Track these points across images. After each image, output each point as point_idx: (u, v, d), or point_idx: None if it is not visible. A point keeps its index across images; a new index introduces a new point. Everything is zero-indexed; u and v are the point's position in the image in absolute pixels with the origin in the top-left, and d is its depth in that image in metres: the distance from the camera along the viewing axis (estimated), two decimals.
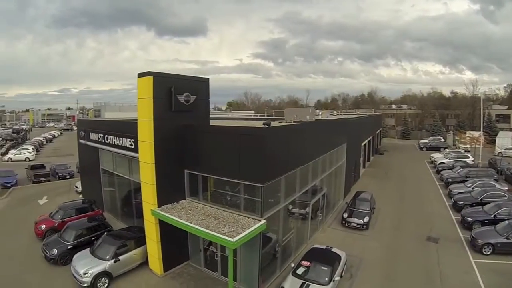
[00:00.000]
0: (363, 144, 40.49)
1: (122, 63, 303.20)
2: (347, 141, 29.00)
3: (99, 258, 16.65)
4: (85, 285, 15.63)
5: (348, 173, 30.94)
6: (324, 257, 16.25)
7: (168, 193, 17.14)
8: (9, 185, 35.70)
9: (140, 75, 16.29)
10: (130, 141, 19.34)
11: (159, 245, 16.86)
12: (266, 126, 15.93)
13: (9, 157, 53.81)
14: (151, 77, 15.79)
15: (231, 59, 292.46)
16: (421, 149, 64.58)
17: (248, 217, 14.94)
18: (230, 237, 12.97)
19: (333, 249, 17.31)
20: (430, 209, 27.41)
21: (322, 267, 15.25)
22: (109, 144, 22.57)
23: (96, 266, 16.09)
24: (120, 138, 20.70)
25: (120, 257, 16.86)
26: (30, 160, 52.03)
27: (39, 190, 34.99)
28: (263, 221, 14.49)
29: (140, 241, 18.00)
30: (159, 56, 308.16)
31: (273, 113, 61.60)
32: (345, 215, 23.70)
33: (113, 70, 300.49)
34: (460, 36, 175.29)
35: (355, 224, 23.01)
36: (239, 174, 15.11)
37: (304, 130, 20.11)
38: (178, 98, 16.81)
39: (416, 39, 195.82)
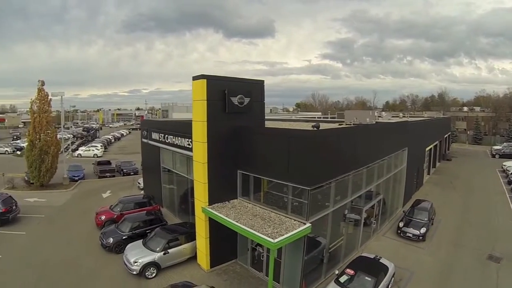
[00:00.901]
0: (427, 149, 38.25)
1: (191, 65, 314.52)
2: (408, 145, 27.53)
3: (150, 249, 17.79)
4: (134, 272, 16.98)
5: (409, 180, 29.35)
6: (370, 267, 15.56)
7: (220, 192, 17.66)
8: (76, 178, 38.91)
9: (195, 78, 16.89)
10: (188, 141, 20.07)
11: (208, 242, 17.48)
12: (315, 128, 15.71)
13: (79, 153, 58.64)
14: (205, 80, 16.36)
15: (299, 60, 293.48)
16: (493, 156, 59.53)
17: (294, 220, 14.85)
18: (271, 238, 13.02)
19: (382, 260, 16.47)
20: (495, 224, 25.00)
21: (366, 278, 14.66)
22: (169, 144, 23.74)
23: (146, 256, 17.31)
24: (179, 138, 21.68)
25: (169, 250, 17.84)
26: (98, 157, 56.07)
27: (103, 184, 37.59)
28: (308, 225, 14.32)
29: (191, 236, 18.81)
30: (228, 57, 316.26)
31: (336, 115, 60.52)
32: (401, 224, 22.47)
33: (182, 72, 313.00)
34: None
35: (410, 235, 21.67)
36: (288, 176, 15.06)
37: (357, 133, 19.44)
38: (232, 100, 17.21)
39: (491, 34, 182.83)
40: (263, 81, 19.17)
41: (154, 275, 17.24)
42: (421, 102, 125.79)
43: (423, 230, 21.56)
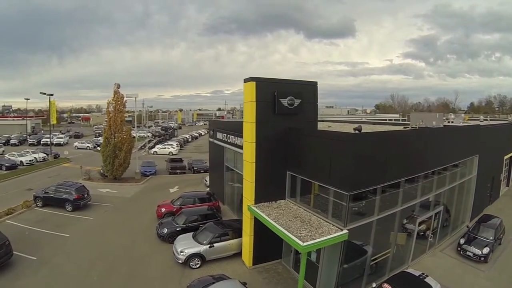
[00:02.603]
0: (507, 157, 33.94)
1: (273, 66, 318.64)
2: (479, 152, 24.97)
3: (197, 241, 19.02)
4: (180, 261, 18.38)
5: (480, 191, 26.50)
6: (411, 285, 14.38)
7: (267, 191, 18.08)
8: (148, 173, 41.91)
9: (245, 80, 17.56)
10: None
11: (251, 239, 18.02)
12: (357, 131, 15.38)
13: (155, 151, 62.66)
14: (254, 83, 16.92)
15: (381, 60, 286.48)
16: None
17: (333, 225, 14.63)
18: (301, 241, 13.05)
19: (427, 279, 14.88)
20: None
21: None
22: (230, 143, 24.79)
23: (192, 248, 18.60)
24: (238, 137, 22.44)
25: (215, 244, 18.78)
26: (173, 154, 59.61)
27: (173, 180, 39.92)
28: (345, 231, 14.02)
29: (239, 233, 19.51)
30: (309, 58, 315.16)
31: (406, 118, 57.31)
32: (462, 241, 20.35)
33: (265, 72, 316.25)
34: None
35: (471, 254, 19.42)
36: (330, 179, 14.92)
37: (411, 138, 18.54)
38: (281, 101, 17.55)
39: None
40: (316, 82, 19.22)
41: (198, 266, 18.33)
42: (510, 104, 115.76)
43: (486, 250, 19.25)
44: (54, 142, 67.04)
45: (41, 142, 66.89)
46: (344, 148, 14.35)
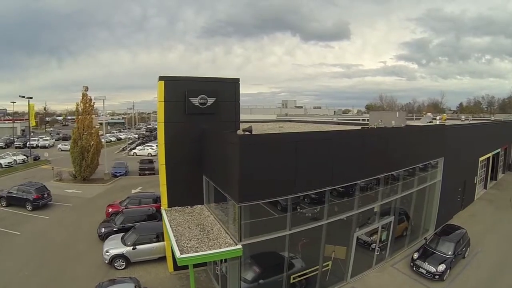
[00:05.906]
0: (482, 158, 31.67)
1: (269, 68, 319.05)
2: (446, 154, 22.71)
3: (123, 243, 19.04)
4: (106, 261, 18.54)
5: (448, 196, 24.24)
6: None
7: (181, 195, 17.52)
8: (118, 174, 42.17)
9: (158, 80, 16.93)
10: None
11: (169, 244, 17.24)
12: (247, 132, 14.29)
13: (135, 152, 62.73)
14: (163, 82, 16.42)
15: (375, 62, 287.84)
16: None
17: (230, 237, 13.52)
18: (180, 252, 12.29)
19: None
20: None
21: None
22: None
23: (117, 249, 18.64)
24: None
25: (138, 246, 18.65)
26: (152, 156, 58.40)
27: (139, 181, 39.88)
28: (238, 247, 12.67)
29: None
30: (305, 60, 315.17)
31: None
32: (416, 256, 18.15)
33: (261, 75, 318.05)
34: None
35: (424, 271, 17.18)
36: (226, 186, 13.98)
37: (330, 141, 15.39)
38: (191, 101, 16.92)
39: None
40: (238, 79, 18.29)
41: (123, 267, 18.33)
42: (498, 104, 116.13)
43: (441, 267, 16.90)
44: (40, 145, 69.76)
45: (27, 145, 67.42)
46: (232, 151, 13.07)
